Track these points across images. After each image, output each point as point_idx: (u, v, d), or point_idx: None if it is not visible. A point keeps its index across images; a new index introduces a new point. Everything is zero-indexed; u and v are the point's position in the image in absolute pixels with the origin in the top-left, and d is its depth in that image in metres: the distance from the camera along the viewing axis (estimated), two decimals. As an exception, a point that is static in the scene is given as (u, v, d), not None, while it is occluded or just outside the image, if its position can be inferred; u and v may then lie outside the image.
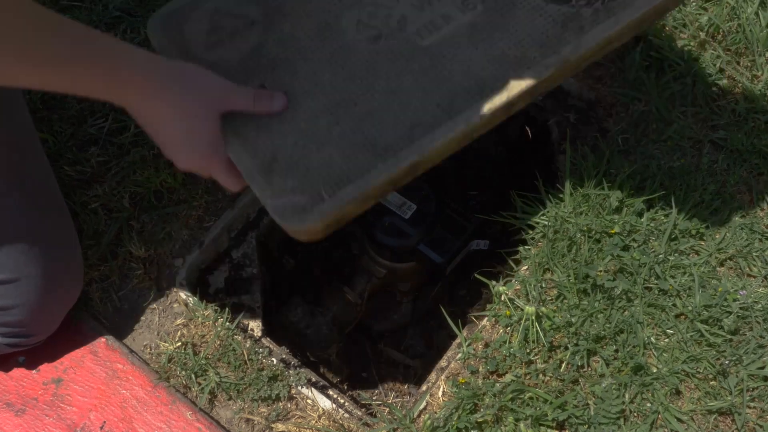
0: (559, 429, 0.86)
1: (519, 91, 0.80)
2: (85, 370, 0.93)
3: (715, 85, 1.16)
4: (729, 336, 0.90)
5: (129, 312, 0.98)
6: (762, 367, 0.88)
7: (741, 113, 1.12)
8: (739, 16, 1.20)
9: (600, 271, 0.94)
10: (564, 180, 1.02)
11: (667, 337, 0.91)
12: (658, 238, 0.98)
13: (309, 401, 0.91)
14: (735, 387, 0.87)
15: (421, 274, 1.25)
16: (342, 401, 0.93)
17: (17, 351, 0.91)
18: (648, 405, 0.86)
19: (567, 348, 0.90)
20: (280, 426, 0.89)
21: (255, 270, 1.07)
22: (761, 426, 0.86)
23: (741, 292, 0.93)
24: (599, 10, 0.84)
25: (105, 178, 1.04)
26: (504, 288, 0.94)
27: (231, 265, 1.07)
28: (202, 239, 1.03)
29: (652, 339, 0.90)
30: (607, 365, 0.89)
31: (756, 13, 1.20)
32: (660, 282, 0.94)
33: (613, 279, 0.93)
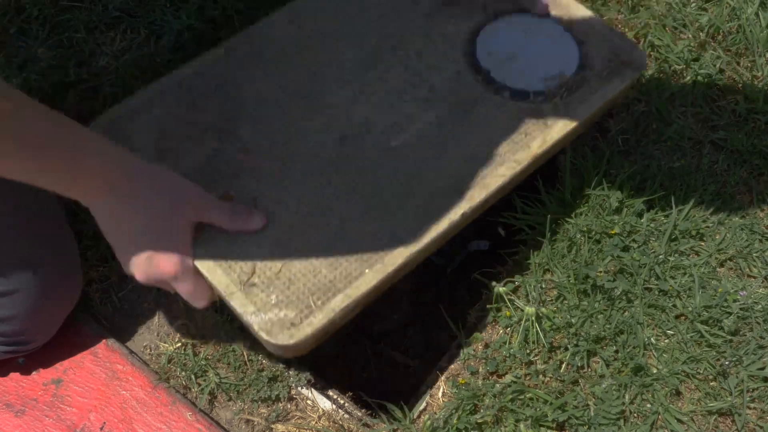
0: (559, 430, 0.86)
1: (496, 187, 0.80)
2: (85, 370, 0.92)
3: (716, 86, 1.16)
4: (729, 337, 0.90)
5: (129, 312, 0.98)
6: (762, 368, 0.88)
7: (741, 114, 1.12)
8: (740, 16, 1.20)
9: (600, 272, 0.94)
10: (564, 180, 1.02)
11: (667, 338, 0.91)
12: (658, 238, 0.98)
13: (309, 402, 0.92)
14: (735, 388, 0.87)
15: (421, 274, 1.25)
16: (342, 402, 0.93)
17: (16, 356, 0.91)
18: (648, 406, 0.86)
19: (567, 349, 0.90)
20: (280, 427, 0.89)
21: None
22: (761, 427, 0.85)
23: (741, 292, 0.93)
24: (558, 105, 0.86)
25: (105, 178, 1.03)
26: (504, 288, 0.94)
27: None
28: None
29: (652, 340, 0.90)
30: (607, 366, 0.89)
31: (756, 14, 1.20)
32: (660, 283, 0.94)
33: (613, 280, 0.93)
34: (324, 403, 0.91)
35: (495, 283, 0.94)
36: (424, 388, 0.93)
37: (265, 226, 0.74)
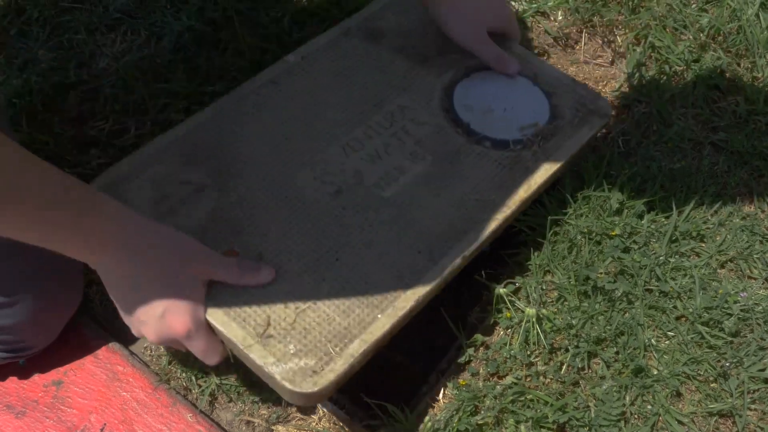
0: (560, 431, 0.86)
1: (490, 231, 0.85)
2: (86, 372, 0.92)
3: (716, 87, 1.16)
4: (730, 338, 0.90)
5: (129, 314, 0.98)
6: (763, 369, 0.88)
7: (741, 115, 1.12)
8: (740, 17, 1.20)
9: (600, 273, 0.94)
10: (564, 181, 1.02)
11: (668, 339, 0.91)
12: (658, 240, 0.98)
13: (309, 403, 0.92)
14: (736, 389, 0.87)
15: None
16: (342, 403, 0.93)
17: (16, 360, 0.91)
18: (648, 407, 0.86)
19: (567, 350, 0.90)
20: (280, 428, 0.89)
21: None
22: (762, 428, 0.85)
23: (742, 294, 0.93)
24: (537, 152, 0.92)
25: (105, 179, 1.03)
26: (504, 290, 0.94)
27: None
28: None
29: (652, 341, 0.90)
30: (608, 367, 0.89)
31: (756, 15, 1.20)
32: (661, 284, 0.94)
33: (614, 281, 0.93)
34: (324, 405, 0.91)
35: (495, 285, 0.94)
36: (424, 389, 0.93)
37: (274, 279, 0.76)
